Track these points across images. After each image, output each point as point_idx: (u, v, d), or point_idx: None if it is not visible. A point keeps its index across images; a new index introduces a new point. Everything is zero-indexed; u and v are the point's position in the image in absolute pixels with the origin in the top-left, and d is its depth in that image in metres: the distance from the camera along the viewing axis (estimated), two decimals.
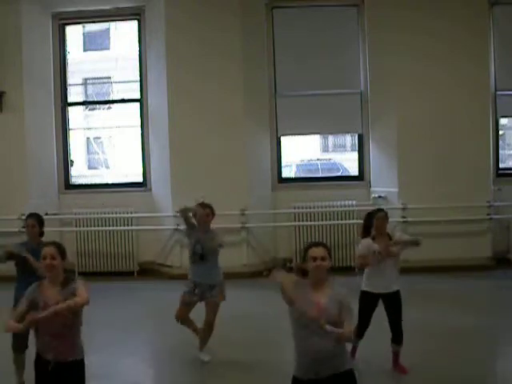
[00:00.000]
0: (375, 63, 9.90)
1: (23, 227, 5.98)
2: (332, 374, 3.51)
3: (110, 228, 10.10)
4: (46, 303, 3.70)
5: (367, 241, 5.55)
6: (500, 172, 10.24)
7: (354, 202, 9.99)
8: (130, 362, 6.23)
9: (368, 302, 5.46)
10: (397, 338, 5.37)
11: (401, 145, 9.75)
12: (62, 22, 10.54)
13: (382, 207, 6.11)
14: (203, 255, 5.87)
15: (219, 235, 6.01)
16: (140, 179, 10.63)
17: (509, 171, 10.55)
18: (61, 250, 3.90)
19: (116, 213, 10.14)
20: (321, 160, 15.01)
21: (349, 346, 3.98)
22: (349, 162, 12.42)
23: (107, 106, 13.24)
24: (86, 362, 3.86)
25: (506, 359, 6.01)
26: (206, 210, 6.10)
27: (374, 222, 5.53)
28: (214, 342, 5.93)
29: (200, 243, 5.91)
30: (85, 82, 14.15)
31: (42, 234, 5.59)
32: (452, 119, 9.58)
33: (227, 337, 4.91)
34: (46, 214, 9.92)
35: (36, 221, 5.56)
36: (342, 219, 9.90)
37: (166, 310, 8.33)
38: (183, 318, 6.04)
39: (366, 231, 5.63)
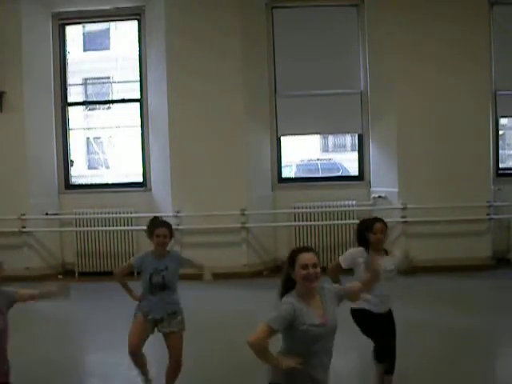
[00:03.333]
0: (375, 63, 9.90)
1: (23, 227, 5.89)
2: None
3: (110, 228, 10.10)
4: None
5: (355, 250, 4.92)
6: (500, 172, 10.23)
7: (354, 202, 9.99)
8: (130, 362, 6.22)
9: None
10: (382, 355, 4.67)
11: (401, 145, 9.75)
12: (61, 21, 10.53)
13: (379, 217, 5.23)
14: (165, 285, 5.04)
15: (179, 255, 5.33)
16: (140, 179, 10.62)
17: (509, 171, 10.54)
18: None
19: (116, 213, 10.14)
20: (321, 160, 15.02)
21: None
22: (349, 162, 12.43)
23: (107, 106, 13.24)
24: (86, 362, 3.86)
25: (506, 359, 6.01)
26: (162, 230, 5.02)
27: (369, 235, 4.85)
28: (215, 341, 5.92)
29: (159, 272, 5.01)
30: (85, 82, 14.15)
31: None
32: (452, 119, 9.58)
33: (227, 337, 4.90)
34: (46, 214, 9.98)
35: None
36: (341, 219, 9.90)
37: None
38: (137, 347, 5.11)
39: (360, 241, 4.96)
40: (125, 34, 12.11)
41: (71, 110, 10.94)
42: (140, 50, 10.44)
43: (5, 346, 3.71)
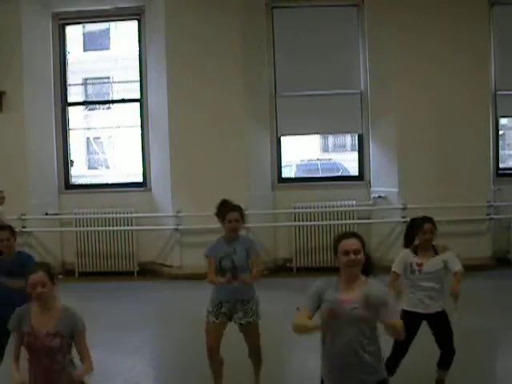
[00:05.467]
0: (375, 63, 9.89)
1: (23, 227, 5.82)
2: None
3: (110, 228, 10.10)
4: (34, 329, 3.44)
5: (404, 254, 4.92)
6: (500, 172, 10.23)
7: (354, 202, 9.99)
8: (130, 362, 6.23)
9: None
10: (446, 358, 4.84)
11: (401, 145, 9.76)
12: (62, 21, 10.54)
13: (429, 216, 5.17)
14: (235, 268, 4.81)
15: (252, 241, 5.13)
16: (140, 179, 10.62)
17: (509, 171, 10.55)
18: (50, 273, 3.54)
19: (116, 213, 10.14)
20: (321, 160, 15.02)
21: None
22: (349, 162, 12.43)
23: (107, 105, 13.25)
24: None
25: (506, 359, 6.01)
26: (234, 214, 5.05)
27: (419, 233, 4.90)
28: None
29: (229, 256, 4.87)
30: (85, 82, 14.17)
31: None
32: (452, 119, 9.58)
33: (227, 337, 4.91)
34: (46, 214, 9.99)
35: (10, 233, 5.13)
36: (342, 219, 9.90)
37: (166, 310, 8.38)
38: (216, 348, 4.84)
39: (408, 240, 5.00)
40: (125, 33, 12.12)
41: (71, 109, 10.95)
42: (140, 50, 10.44)
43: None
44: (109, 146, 15.41)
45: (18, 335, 3.50)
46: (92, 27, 13.74)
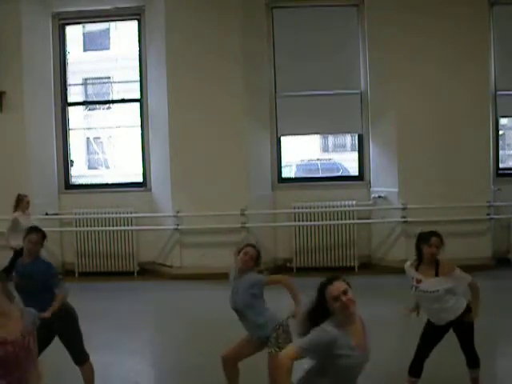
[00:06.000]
0: (375, 63, 9.89)
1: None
2: None
3: (110, 228, 10.10)
4: (6, 338, 3.20)
5: (406, 267, 4.88)
6: (500, 172, 10.24)
7: (354, 202, 9.99)
8: (130, 362, 6.23)
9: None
10: (471, 361, 4.87)
11: (401, 145, 9.76)
12: (62, 21, 10.54)
13: (436, 231, 4.99)
14: (237, 310, 4.78)
15: (254, 276, 4.82)
16: (140, 179, 10.63)
17: (509, 171, 10.55)
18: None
19: (116, 213, 10.14)
20: (321, 160, 15.02)
21: None
22: (349, 162, 12.43)
23: (107, 106, 13.25)
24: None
25: (506, 359, 6.01)
26: (250, 252, 4.78)
27: (423, 247, 4.77)
28: (215, 341, 5.93)
29: (232, 295, 4.79)
30: (85, 82, 14.17)
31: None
32: (452, 119, 9.58)
33: (227, 337, 4.91)
34: (46, 214, 9.99)
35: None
36: (341, 219, 9.90)
37: (167, 310, 8.38)
38: (228, 357, 4.87)
39: (419, 254, 4.84)
40: (125, 33, 12.13)
41: (71, 110, 10.95)
42: (140, 50, 10.44)
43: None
44: (109, 146, 15.42)
45: None
46: (92, 27, 13.74)
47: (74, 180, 10.99)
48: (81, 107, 12.65)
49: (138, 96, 10.58)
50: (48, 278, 4.93)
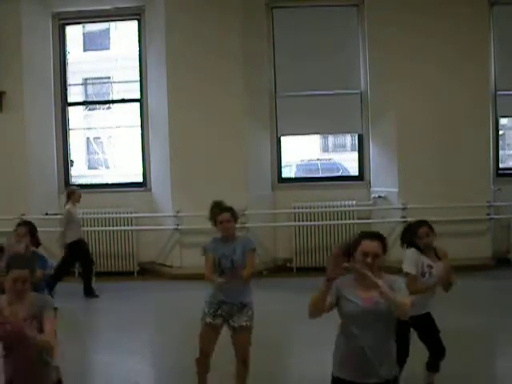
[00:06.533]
0: (375, 63, 9.89)
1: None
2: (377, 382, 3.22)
3: (110, 228, 10.10)
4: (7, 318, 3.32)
5: (414, 253, 4.74)
6: (500, 172, 10.24)
7: (354, 202, 9.99)
8: (130, 362, 6.22)
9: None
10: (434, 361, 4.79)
11: (401, 145, 9.75)
12: (62, 21, 10.54)
13: (423, 220, 4.99)
14: (233, 269, 4.72)
15: (250, 240, 5.00)
16: (140, 179, 10.62)
17: (509, 171, 10.56)
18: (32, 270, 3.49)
19: (116, 213, 10.14)
20: (321, 160, 15.04)
21: None
22: (349, 162, 12.44)
23: (107, 106, 13.26)
24: (85, 362, 3.85)
25: (506, 359, 6.01)
26: (225, 215, 4.84)
27: (416, 241, 4.75)
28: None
29: (226, 257, 4.75)
30: (85, 82, 14.18)
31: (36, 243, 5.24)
32: (452, 119, 9.57)
33: (227, 337, 4.91)
34: (46, 214, 9.97)
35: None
36: (341, 219, 9.90)
37: (167, 310, 8.37)
38: (208, 353, 4.74)
39: (403, 242, 4.85)
40: (125, 33, 12.14)
41: (71, 110, 10.95)
42: (140, 50, 10.44)
43: None
44: (109, 146, 15.43)
45: None
46: (92, 27, 13.76)
47: (74, 180, 10.99)
48: (81, 107, 12.66)
49: (137, 96, 10.58)
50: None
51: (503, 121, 11.13)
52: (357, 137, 10.53)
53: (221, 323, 4.71)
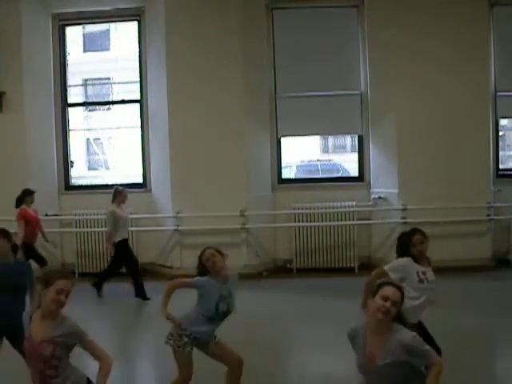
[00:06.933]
0: (375, 64, 9.89)
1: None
2: None
3: None
4: (31, 335, 3.43)
5: (406, 261, 4.76)
6: (500, 173, 10.23)
7: (354, 203, 9.98)
8: (130, 363, 6.22)
9: None
10: None
11: (401, 146, 9.75)
12: (62, 22, 10.55)
13: (417, 227, 5.02)
14: (227, 313, 4.62)
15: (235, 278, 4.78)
16: (140, 180, 10.62)
17: (509, 172, 10.55)
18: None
19: None
20: (321, 161, 15.02)
21: None
22: (349, 163, 12.44)
23: (107, 106, 13.26)
24: (85, 364, 3.84)
25: (506, 360, 6.00)
26: (215, 255, 4.63)
27: (411, 249, 4.75)
28: None
29: (224, 300, 4.58)
30: (85, 83, 14.18)
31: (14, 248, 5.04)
32: (452, 120, 9.57)
33: (227, 338, 4.90)
34: (46, 215, 9.98)
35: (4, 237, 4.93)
36: (341, 220, 9.89)
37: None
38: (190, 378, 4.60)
39: (400, 253, 4.84)
40: (125, 34, 12.14)
41: (71, 110, 10.96)
42: (140, 51, 10.45)
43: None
44: (109, 146, 15.43)
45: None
46: (92, 28, 13.76)
47: (74, 181, 11.00)
48: (81, 108, 12.66)
49: (137, 97, 10.58)
50: (23, 279, 4.85)
51: (503, 122, 11.13)
52: (357, 138, 10.53)
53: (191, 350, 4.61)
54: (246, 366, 4.89)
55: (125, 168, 13.44)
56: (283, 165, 10.70)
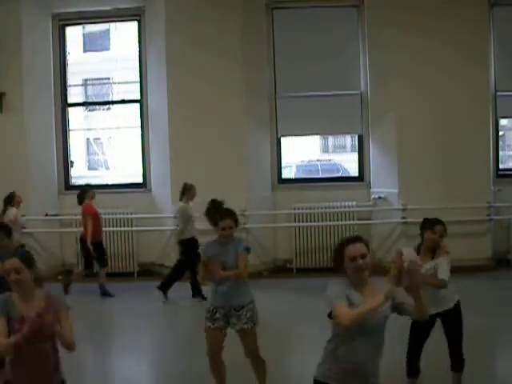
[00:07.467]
0: (375, 64, 9.90)
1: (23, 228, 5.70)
2: None
3: (110, 229, 10.09)
4: (24, 316, 3.28)
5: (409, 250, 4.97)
6: (500, 173, 10.24)
7: (354, 203, 9.99)
8: (130, 363, 6.22)
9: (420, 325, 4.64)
10: (456, 363, 4.83)
11: (401, 145, 9.75)
12: (62, 22, 10.55)
13: (440, 220, 5.03)
14: (226, 268, 4.75)
15: (241, 241, 4.91)
16: (140, 180, 10.62)
17: (509, 172, 10.56)
18: (26, 259, 3.47)
19: (116, 214, 10.14)
20: (321, 161, 15.01)
21: None
22: (349, 163, 12.43)
23: (107, 106, 13.26)
24: (85, 363, 3.84)
25: (506, 359, 6.01)
26: (227, 222, 4.82)
27: (426, 232, 4.79)
28: None
29: (220, 259, 4.78)
30: (85, 83, 14.17)
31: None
32: (452, 120, 9.58)
33: (226, 338, 4.91)
34: (46, 215, 9.98)
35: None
36: (342, 220, 9.90)
37: (166, 310, 8.38)
38: (215, 351, 4.78)
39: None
40: (125, 34, 12.13)
41: (71, 110, 10.96)
42: (140, 51, 10.45)
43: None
44: (109, 146, 15.42)
45: (6, 322, 3.33)
46: (92, 28, 13.74)
47: (74, 181, 11.00)
48: (81, 108, 12.66)
49: (137, 97, 10.58)
50: None
51: (503, 121, 11.13)
52: (357, 137, 10.54)
53: (222, 325, 4.74)
54: (246, 365, 4.90)
55: (125, 168, 13.43)
56: (283, 165, 10.70)
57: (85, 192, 9.04)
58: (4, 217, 8.53)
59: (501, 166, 10.39)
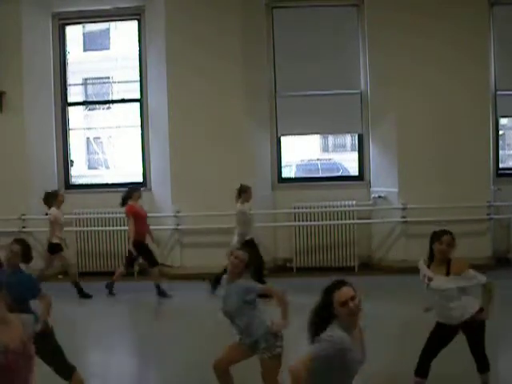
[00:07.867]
0: (375, 63, 9.90)
1: (23, 227, 5.56)
2: None
3: (110, 228, 10.10)
4: (7, 346, 3.10)
5: (420, 263, 4.88)
6: (500, 172, 10.25)
7: (354, 202, 9.99)
8: (130, 362, 6.23)
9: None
10: (481, 365, 4.89)
11: (401, 145, 9.76)
12: (62, 21, 10.56)
13: (448, 230, 5.00)
14: (227, 313, 4.68)
15: (249, 283, 4.68)
16: (140, 179, 10.63)
17: (509, 171, 10.56)
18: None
19: (116, 213, 10.12)
20: (321, 160, 15.00)
21: None
22: (349, 162, 12.43)
23: (107, 106, 13.25)
24: (85, 362, 3.85)
25: (507, 359, 6.01)
26: (240, 255, 4.66)
27: (435, 245, 4.79)
28: (215, 342, 5.93)
29: (226, 297, 4.67)
30: (85, 82, 14.16)
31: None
32: (452, 119, 9.58)
33: (226, 338, 4.91)
34: (46, 214, 9.97)
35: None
36: (341, 219, 9.91)
37: (167, 310, 8.38)
38: (220, 367, 4.75)
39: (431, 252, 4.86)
40: (125, 33, 12.12)
41: (71, 110, 10.97)
42: (140, 50, 10.45)
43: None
44: (109, 146, 15.41)
45: None
46: (92, 27, 13.73)
47: (74, 180, 11.01)
48: (81, 107, 12.65)
49: (137, 96, 10.59)
50: (25, 290, 4.64)
51: (503, 121, 11.12)
52: (357, 137, 10.54)
53: (246, 350, 4.66)
54: (246, 365, 4.90)
55: (125, 167, 13.43)
56: (283, 164, 10.71)
57: (131, 192, 8.82)
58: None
59: (501, 166, 10.40)
